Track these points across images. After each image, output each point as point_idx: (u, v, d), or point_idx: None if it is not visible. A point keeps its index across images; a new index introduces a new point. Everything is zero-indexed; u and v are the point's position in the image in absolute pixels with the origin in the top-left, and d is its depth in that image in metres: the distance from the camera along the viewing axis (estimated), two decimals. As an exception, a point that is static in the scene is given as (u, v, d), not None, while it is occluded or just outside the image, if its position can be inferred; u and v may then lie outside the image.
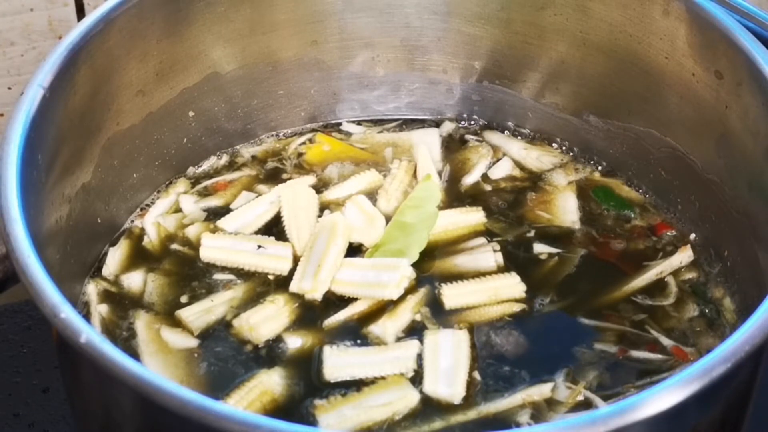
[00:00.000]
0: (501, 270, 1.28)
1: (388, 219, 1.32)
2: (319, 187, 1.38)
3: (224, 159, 1.43)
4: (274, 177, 1.40)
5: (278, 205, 1.34)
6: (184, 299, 1.26)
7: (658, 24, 1.29)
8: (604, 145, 1.41)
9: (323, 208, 1.35)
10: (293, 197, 1.34)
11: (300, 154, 1.43)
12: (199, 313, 1.24)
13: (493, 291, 1.25)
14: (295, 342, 1.21)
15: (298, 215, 1.32)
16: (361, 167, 1.41)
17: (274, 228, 1.33)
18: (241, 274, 1.28)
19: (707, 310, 1.26)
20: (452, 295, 1.24)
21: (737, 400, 1.07)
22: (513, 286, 1.25)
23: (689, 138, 1.31)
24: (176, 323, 1.24)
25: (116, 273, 1.29)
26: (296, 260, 1.28)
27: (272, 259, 1.28)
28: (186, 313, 1.24)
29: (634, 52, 1.32)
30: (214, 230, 1.32)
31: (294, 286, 1.25)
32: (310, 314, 1.23)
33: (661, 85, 1.31)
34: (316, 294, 1.24)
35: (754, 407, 1.11)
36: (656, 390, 0.94)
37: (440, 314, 1.23)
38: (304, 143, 1.45)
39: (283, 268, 1.28)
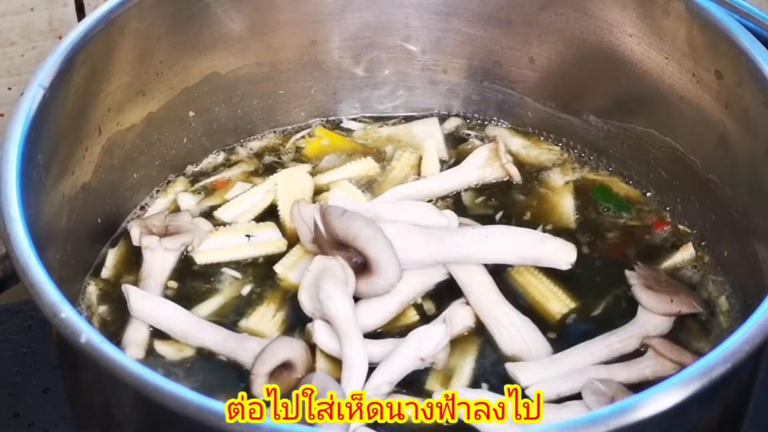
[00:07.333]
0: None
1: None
2: (315, 175, 1.39)
3: (222, 157, 1.43)
4: (272, 171, 1.40)
5: (274, 193, 1.35)
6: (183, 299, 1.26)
7: (658, 24, 1.29)
8: (604, 145, 1.41)
9: (318, 192, 1.36)
10: (290, 182, 1.35)
11: (299, 149, 1.44)
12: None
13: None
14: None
15: (294, 199, 1.31)
16: (357, 155, 1.41)
17: (270, 216, 1.33)
18: (241, 266, 1.28)
19: (705, 310, 1.25)
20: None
21: (737, 400, 1.07)
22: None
23: (689, 138, 1.31)
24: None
25: (116, 274, 1.29)
26: (290, 240, 1.29)
27: (266, 246, 1.29)
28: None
29: (634, 52, 1.32)
30: (213, 224, 1.33)
31: (279, 268, 1.26)
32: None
33: (661, 84, 1.31)
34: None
35: (754, 407, 1.11)
36: (656, 390, 0.94)
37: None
38: (303, 137, 1.45)
39: (281, 249, 1.29)
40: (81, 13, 1.63)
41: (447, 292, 1.24)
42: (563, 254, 1.24)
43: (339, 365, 1.15)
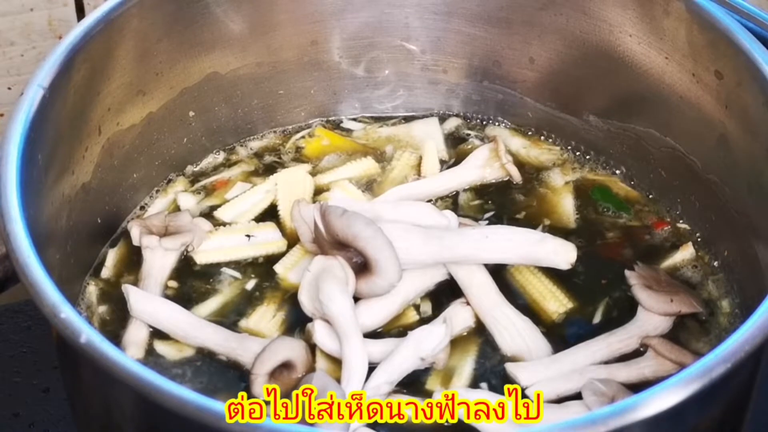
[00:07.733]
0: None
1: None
2: (315, 175, 1.39)
3: (222, 157, 1.43)
4: (272, 171, 1.40)
5: (274, 193, 1.35)
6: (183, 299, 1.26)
7: (658, 24, 1.29)
8: (604, 145, 1.41)
9: (318, 192, 1.36)
10: (290, 182, 1.35)
11: (299, 149, 1.44)
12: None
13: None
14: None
15: (294, 199, 1.31)
16: (357, 155, 1.41)
17: (270, 216, 1.33)
18: (241, 266, 1.28)
19: (705, 310, 1.25)
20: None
21: (737, 400, 1.07)
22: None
23: (689, 138, 1.31)
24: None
25: (116, 274, 1.29)
26: (290, 240, 1.29)
27: (266, 246, 1.29)
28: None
29: (634, 52, 1.32)
30: (213, 224, 1.33)
31: (279, 267, 1.26)
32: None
33: (661, 85, 1.31)
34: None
35: (754, 407, 1.11)
36: (656, 390, 0.94)
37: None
38: (303, 137, 1.45)
39: (281, 249, 1.29)
40: (81, 13, 1.63)
41: (447, 292, 1.25)
42: (563, 254, 1.24)
43: (339, 365, 1.15)
